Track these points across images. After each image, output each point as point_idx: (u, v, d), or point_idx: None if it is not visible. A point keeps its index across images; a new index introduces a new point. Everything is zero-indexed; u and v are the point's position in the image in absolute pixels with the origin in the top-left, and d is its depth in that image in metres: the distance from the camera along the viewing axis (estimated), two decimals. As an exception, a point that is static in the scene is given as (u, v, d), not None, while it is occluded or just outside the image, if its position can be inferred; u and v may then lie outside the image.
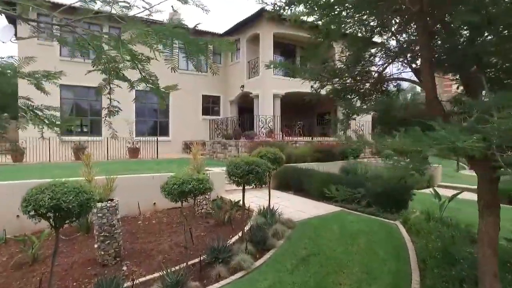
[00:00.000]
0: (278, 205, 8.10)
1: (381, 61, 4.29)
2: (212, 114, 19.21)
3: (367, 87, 4.30)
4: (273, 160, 6.46)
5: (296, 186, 9.78)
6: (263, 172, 5.05)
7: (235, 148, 12.63)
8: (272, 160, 6.40)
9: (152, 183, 8.40)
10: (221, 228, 6.74)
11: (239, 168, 5.03)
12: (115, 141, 14.30)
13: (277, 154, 6.53)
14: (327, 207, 8.01)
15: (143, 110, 17.47)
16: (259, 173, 5.00)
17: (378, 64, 4.31)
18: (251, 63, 17.32)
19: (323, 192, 8.65)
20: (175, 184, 4.19)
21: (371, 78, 4.20)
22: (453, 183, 10.30)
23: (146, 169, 9.99)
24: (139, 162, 12.56)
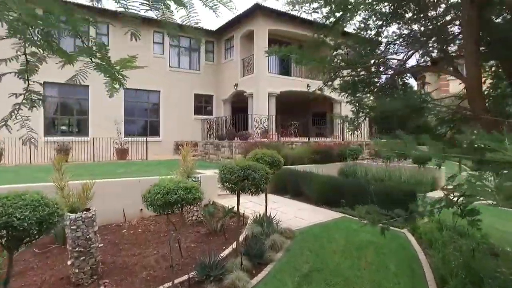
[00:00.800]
0: (275, 211, 7.53)
1: (400, 49, 3.71)
2: (205, 113, 18.58)
3: (383, 81, 3.73)
4: (271, 164, 5.88)
5: (294, 189, 9.22)
6: (261, 178, 4.46)
7: (229, 149, 12.03)
8: (269, 163, 5.82)
9: (139, 187, 7.77)
10: (213, 237, 6.15)
11: (233, 173, 4.43)
12: (103, 142, 13.62)
13: (274, 157, 5.95)
14: (328, 213, 7.47)
15: (133, 109, 16.76)
16: (256, 179, 4.41)
17: (398, 52, 3.73)
18: (245, 61, 16.72)
19: (323, 197, 8.11)
20: (158, 193, 3.58)
21: (389, 69, 3.63)
22: (457, 186, 9.85)
23: (133, 172, 9.34)
24: (127, 164, 11.88)
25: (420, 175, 9.52)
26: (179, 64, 18.08)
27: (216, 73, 19.03)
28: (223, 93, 18.50)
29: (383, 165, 11.13)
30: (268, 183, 4.74)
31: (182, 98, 17.86)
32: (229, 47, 18.31)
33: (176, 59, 17.99)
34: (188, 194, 3.68)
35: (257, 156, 5.89)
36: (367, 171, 11.16)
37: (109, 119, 14.66)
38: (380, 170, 10.75)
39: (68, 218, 4.26)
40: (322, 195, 8.18)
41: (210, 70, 18.91)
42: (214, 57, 19.15)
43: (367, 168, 11.30)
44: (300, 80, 17.09)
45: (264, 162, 5.83)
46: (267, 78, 15.59)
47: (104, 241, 6.17)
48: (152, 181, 7.31)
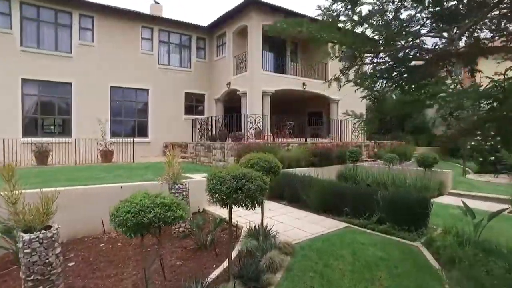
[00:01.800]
0: (272, 220, 6.82)
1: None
2: (196, 113, 17.77)
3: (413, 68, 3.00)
4: (268, 170, 5.15)
5: (291, 195, 8.51)
6: (257, 189, 3.72)
7: (221, 151, 11.26)
8: (266, 169, 5.09)
9: (121, 194, 7.03)
10: (203, 253, 5.40)
11: (224, 183, 3.69)
12: (86, 143, 12.74)
13: (272, 162, 5.22)
14: (330, 223, 6.76)
15: (119, 109, 15.87)
16: (251, 190, 3.68)
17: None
18: (238, 58, 15.97)
19: (324, 204, 7.41)
20: (128, 212, 2.82)
21: (424, 52, 2.90)
22: (466, 190, 9.23)
23: (116, 177, 8.53)
24: (112, 167, 11.04)
25: (426, 179, 8.87)
26: (169, 62, 17.25)
27: (208, 71, 18.24)
28: (215, 92, 17.72)
29: (385, 167, 10.48)
30: (265, 194, 4.00)
31: (172, 97, 17.03)
32: (221, 44, 17.53)
33: (166, 56, 17.15)
34: (167, 212, 2.93)
35: (252, 161, 5.16)
36: (368, 174, 10.50)
37: (94, 119, 13.78)
38: (382, 173, 10.10)
39: (21, 239, 3.48)
40: (323, 202, 7.48)
41: (202, 68, 18.11)
42: (205, 55, 18.35)
43: (368, 170, 10.64)
44: (296, 79, 16.41)
45: (260, 168, 5.10)
46: (261, 76, 14.86)
47: (77, 258, 5.39)
48: (135, 188, 6.52)
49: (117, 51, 15.31)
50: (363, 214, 6.63)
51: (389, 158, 10.21)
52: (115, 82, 15.38)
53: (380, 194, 6.49)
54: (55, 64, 13.76)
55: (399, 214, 6.09)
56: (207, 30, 17.71)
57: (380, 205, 6.40)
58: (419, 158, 9.32)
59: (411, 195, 6.13)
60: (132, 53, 15.84)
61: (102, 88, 15.00)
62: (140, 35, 16.07)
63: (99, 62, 14.84)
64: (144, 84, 16.25)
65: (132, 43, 15.79)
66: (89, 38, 14.69)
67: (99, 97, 14.86)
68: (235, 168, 3.92)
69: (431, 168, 9.26)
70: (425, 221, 6.01)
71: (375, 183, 10.11)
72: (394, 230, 6.00)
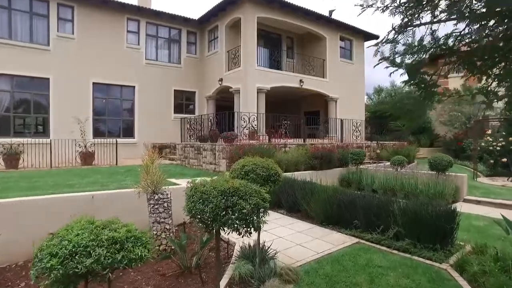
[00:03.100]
0: (269, 235, 5.85)
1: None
2: (186, 112, 16.70)
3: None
4: (266, 178, 4.16)
5: (290, 204, 7.53)
6: (253, 209, 2.72)
7: (211, 153, 10.24)
8: (264, 178, 4.10)
9: (91, 205, 6.02)
10: (186, 279, 4.38)
11: (208, 201, 2.68)
12: (64, 144, 11.61)
13: (271, 168, 4.23)
14: (337, 238, 5.79)
15: (103, 107, 14.74)
16: (245, 211, 2.68)
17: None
18: (231, 53, 14.95)
19: (329, 214, 6.45)
20: (54, 256, 1.79)
21: None
22: (483, 196, 8.34)
23: (90, 183, 7.45)
24: (89, 171, 9.94)
25: (440, 184, 7.96)
26: (157, 57, 16.15)
27: (199, 67, 17.18)
28: (206, 89, 16.68)
29: (392, 170, 9.56)
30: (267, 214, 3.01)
31: (160, 94, 15.94)
32: (213, 39, 16.49)
33: (154, 51, 16.04)
34: (118, 253, 1.90)
35: (246, 167, 4.16)
36: (373, 178, 9.56)
37: (75, 117, 12.61)
38: (389, 177, 9.17)
39: None
40: (328, 213, 6.51)
41: (192, 64, 17.04)
42: (196, 50, 17.28)
43: (373, 174, 9.70)
44: (293, 75, 15.46)
45: (256, 176, 4.11)
46: (256, 72, 13.87)
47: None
48: (108, 198, 5.57)
49: (100, 45, 14.18)
50: (376, 228, 5.66)
51: (397, 160, 9.30)
52: (98, 78, 14.24)
53: (397, 205, 5.53)
54: (30, 58, 12.58)
55: (421, 228, 5.14)
56: (198, 23, 16.65)
57: (397, 217, 5.44)
58: (431, 160, 8.42)
59: (434, 206, 5.17)
60: (117, 47, 14.71)
61: (84, 85, 13.85)
62: (125, 27, 14.95)
63: (80, 57, 13.69)
64: (130, 80, 15.13)
65: (116, 37, 14.67)
66: (68, 30, 13.53)
67: (80, 94, 13.72)
68: (223, 180, 2.91)
69: (445, 172, 8.36)
70: (452, 237, 5.07)
71: (382, 189, 9.19)
72: (415, 248, 5.05)
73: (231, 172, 4.35)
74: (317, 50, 17.24)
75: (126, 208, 5.78)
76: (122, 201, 6.01)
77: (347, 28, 17.53)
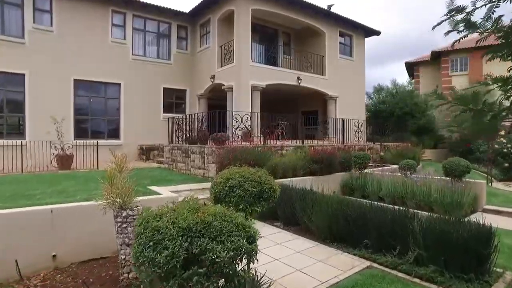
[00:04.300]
0: (262, 256, 4.84)
1: None
2: (177, 111, 15.66)
3: None
4: (257, 196, 3.17)
5: (288, 216, 6.57)
6: (234, 257, 1.73)
7: (200, 156, 9.24)
8: (254, 196, 3.11)
9: (50, 223, 5.03)
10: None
11: (162, 246, 1.69)
12: (41, 146, 10.56)
13: (264, 183, 3.25)
14: (344, 261, 4.82)
15: (85, 106, 13.68)
16: (221, 259, 1.68)
17: None
18: (224, 48, 13.96)
19: (333, 229, 5.50)
20: None
21: None
22: (504, 205, 7.41)
23: (56, 193, 6.42)
24: (63, 176, 8.91)
25: (457, 192, 7.02)
26: (145, 53, 15.10)
27: (190, 64, 16.16)
28: (198, 87, 15.67)
29: (400, 175, 8.62)
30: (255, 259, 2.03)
31: (148, 93, 14.90)
32: (205, 33, 15.49)
33: (141, 47, 15.00)
34: None
35: (231, 181, 3.18)
36: (380, 184, 8.61)
37: (51, 117, 11.50)
38: (397, 182, 8.23)
39: None
40: (332, 228, 5.56)
41: (183, 60, 16.02)
42: (187, 45, 16.25)
43: (379, 180, 8.75)
44: (290, 72, 14.49)
45: (244, 194, 3.12)
46: (250, 68, 12.90)
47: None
48: (72, 212, 4.86)
49: (82, 39, 13.11)
50: (392, 249, 4.69)
51: (406, 164, 8.35)
52: (80, 74, 13.18)
53: (418, 221, 4.57)
54: (2, 51, 11.49)
55: (448, 251, 4.18)
56: (189, 17, 15.63)
57: (418, 237, 4.48)
58: (446, 165, 7.49)
59: (465, 224, 4.23)
60: (101, 41, 13.66)
61: (64, 82, 12.78)
62: (110, 20, 13.89)
63: (60, 51, 12.62)
64: (115, 77, 14.08)
65: (100, 30, 13.61)
66: (46, 22, 12.45)
67: (59, 91, 12.65)
68: (189, 209, 1.91)
69: (461, 178, 7.43)
70: (488, 263, 4.11)
71: (389, 196, 8.25)
72: (443, 277, 4.09)
73: (213, 187, 3.37)
74: (315, 46, 16.30)
75: (93, 225, 4.79)
76: (88, 217, 4.98)
77: (347, 23, 16.61)
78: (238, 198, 3.09)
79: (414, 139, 16.82)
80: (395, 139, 16.12)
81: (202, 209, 1.96)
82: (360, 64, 17.95)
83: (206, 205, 2.12)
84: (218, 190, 3.25)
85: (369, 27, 17.38)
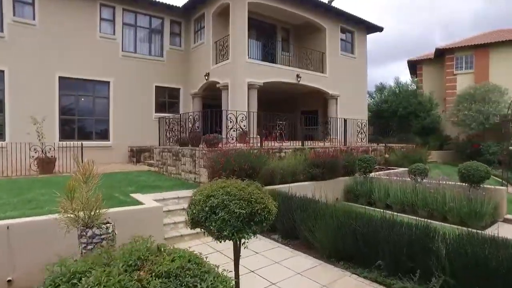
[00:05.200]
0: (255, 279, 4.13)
1: None
2: (170, 111, 14.87)
3: None
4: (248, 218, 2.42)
5: (287, 228, 5.83)
6: None
7: (191, 159, 8.47)
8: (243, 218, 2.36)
9: (8, 240, 4.32)
10: None
11: None
12: (22, 148, 9.77)
13: (256, 202, 2.49)
14: (353, 286, 4.07)
15: (72, 105, 12.89)
16: None
17: None
18: (219, 44, 13.20)
19: (340, 246, 4.76)
20: None
21: None
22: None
23: (22, 203, 5.65)
24: (40, 181, 8.14)
25: (476, 201, 6.28)
26: (136, 49, 14.32)
27: (184, 61, 15.38)
28: (192, 85, 14.90)
29: (410, 181, 7.88)
30: None
31: (139, 91, 14.12)
32: (199, 29, 14.72)
33: (132, 43, 14.21)
34: None
35: (213, 200, 2.43)
36: (387, 190, 7.87)
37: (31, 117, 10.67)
38: (406, 189, 7.49)
39: None
40: (337, 244, 4.80)
41: (177, 57, 15.24)
42: (181, 42, 15.47)
43: (386, 185, 8.01)
44: (289, 70, 13.75)
45: (229, 217, 2.36)
46: (247, 65, 12.14)
47: None
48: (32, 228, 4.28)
49: (68, 34, 12.32)
50: (411, 274, 3.94)
51: (417, 169, 7.60)
52: (65, 72, 12.38)
53: (443, 242, 3.82)
54: (-21, 46, 10.72)
55: (484, 279, 3.43)
56: (182, 11, 14.85)
57: (443, 260, 3.73)
58: (462, 170, 6.74)
59: (505, 245, 3.48)
60: (88, 37, 12.87)
61: (48, 79, 11.99)
62: (98, 15, 13.10)
63: (43, 47, 11.83)
64: (104, 75, 13.30)
65: (87, 25, 12.82)
66: (28, 15, 11.65)
67: (43, 90, 11.86)
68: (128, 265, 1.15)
69: (480, 185, 6.69)
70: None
71: (398, 204, 7.51)
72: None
73: (190, 206, 2.61)
74: (315, 42, 15.54)
75: (58, 245, 4.02)
76: (52, 234, 4.20)
77: (348, 18, 15.85)
78: (222, 223, 2.34)
79: (418, 140, 16.07)
80: (398, 140, 15.38)
81: (148, 263, 1.21)
82: (362, 61, 17.21)
83: (161, 251, 1.39)
84: (196, 211, 2.50)
85: (371, 22, 16.63)
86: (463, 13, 79.93)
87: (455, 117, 17.02)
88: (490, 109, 15.42)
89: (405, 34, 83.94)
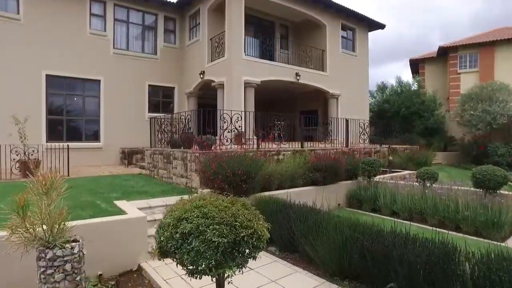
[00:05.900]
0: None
1: None
2: (164, 111, 14.29)
3: None
4: (230, 247, 1.81)
5: (285, 240, 5.24)
6: None
7: (182, 163, 7.88)
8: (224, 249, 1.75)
9: None
10: None
11: None
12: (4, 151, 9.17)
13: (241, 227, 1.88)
14: (363, 316, 3.49)
15: (60, 105, 12.28)
16: None
17: None
18: (215, 41, 12.61)
19: (345, 263, 4.18)
20: None
21: None
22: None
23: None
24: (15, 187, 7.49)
25: (494, 209, 5.71)
26: (128, 46, 13.72)
27: (178, 59, 14.79)
28: (187, 84, 14.31)
29: (419, 186, 7.30)
30: None
31: (132, 90, 13.53)
32: (194, 25, 14.14)
33: (124, 39, 13.61)
34: None
35: (185, 225, 1.83)
36: (393, 195, 7.29)
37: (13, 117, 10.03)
38: (417, 195, 6.91)
39: None
40: (342, 261, 4.22)
41: (171, 55, 14.64)
42: (176, 39, 14.88)
43: (392, 190, 7.43)
44: (287, 68, 13.16)
45: (207, 248, 1.77)
46: (243, 62, 11.57)
47: None
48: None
49: (55, 30, 11.73)
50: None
51: (425, 173, 7.03)
52: (53, 70, 11.78)
53: (469, 261, 3.25)
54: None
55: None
56: (177, 7, 14.28)
57: (469, 285, 3.15)
58: (477, 175, 6.18)
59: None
60: (78, 33, 12.28)
61: (34, 77, 11.39)
62: (88, 9, 12.51)
63: (29, 43, 11.22)
64: (95, 73, 12.71)
65: (76, 20, 12.23)
66: (12, 9, 11.04)
67: (29, 88, 11.26)
68: None
69: (496, 191, 6.12)
70: None
71: (405, 211, 6.93)
72: None
73: (158, 231, 2.02)
74: (315, 40, 14.97)
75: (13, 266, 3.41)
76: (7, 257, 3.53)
77: (349, 14, 15.29)
78: (196, 255, 1.75)
79: (422, 141, 15.48)
80: (401, 141, 14.79)
81: None
82: (363, 60, 16.63)
83: None
84: (164, 238, 1.91)
85: (373, 19, 16.06)
86: (463, 13, 79.54)
87: (459, 117, 16.45)
88: (497, 109, 14.83)
89: (403, 34, 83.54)
